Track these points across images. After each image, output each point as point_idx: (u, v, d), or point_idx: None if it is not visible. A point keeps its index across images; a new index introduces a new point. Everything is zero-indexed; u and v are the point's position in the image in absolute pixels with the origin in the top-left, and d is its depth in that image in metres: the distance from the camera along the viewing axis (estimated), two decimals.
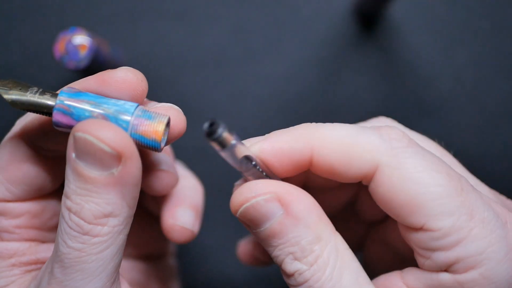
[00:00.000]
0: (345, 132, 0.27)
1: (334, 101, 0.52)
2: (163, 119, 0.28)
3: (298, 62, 0.52)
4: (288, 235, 0.27)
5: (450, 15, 0.53)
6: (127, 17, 0.52)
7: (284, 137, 0.28)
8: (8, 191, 0.30)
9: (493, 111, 0.52)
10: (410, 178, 0.26)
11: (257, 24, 0.53)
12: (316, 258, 0.27)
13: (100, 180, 0.26)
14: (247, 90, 0.52)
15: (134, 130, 0.27)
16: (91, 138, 0.25)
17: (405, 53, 0.52)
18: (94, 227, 0.26)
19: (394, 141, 0.27)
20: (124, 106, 0.27)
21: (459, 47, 0.52)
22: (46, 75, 0.51)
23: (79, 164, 0.26)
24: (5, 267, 0.31)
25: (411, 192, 0.26)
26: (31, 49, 0.51)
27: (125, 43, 0.52)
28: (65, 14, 0.52)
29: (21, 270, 0.31)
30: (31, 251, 0.32)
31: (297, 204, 0.27)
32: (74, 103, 0.27)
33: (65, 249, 0.26)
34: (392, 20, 0.53)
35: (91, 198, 0.26)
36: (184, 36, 0.52)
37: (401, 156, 0.26)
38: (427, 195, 0.26)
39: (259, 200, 0.27)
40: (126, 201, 0.27)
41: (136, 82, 0.28)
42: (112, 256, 0.27)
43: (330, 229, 0.28)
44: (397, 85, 0.52)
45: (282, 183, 0.28)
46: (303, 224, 0.27)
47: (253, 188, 0.27)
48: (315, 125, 0.28)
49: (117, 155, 0.25)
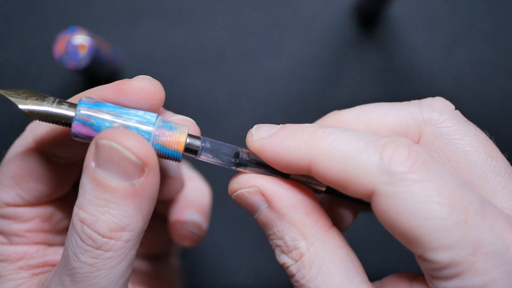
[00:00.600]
0: (345, 150, 0.26)
1: (334, 100, 0.52)
2: (184, 129, 0.28)
3: (298, 62, 0.52)
4: (274, 228, 0.28)
5: (450, 15, 0.53)
6: (127, 17, 0.52)
7: (288, 139, 0.28)
8: (19, 196, 0.31)
9: (493, 111, 0.52)
10: (406, 211, 0.24)
11: (257, 24, 0.53)
12: (300, 255, 0.27)
13: (121, 190, 0.25)
14: (247, 90, 0.52)
15: (156, 140, 0.27)
16: (117, 146, 0.25)
17: (405, 52, 0.52)
18: (108, 241, 0.26)
19: (395, 165, 0.24)
20: (145, 117, 0.27)
21: (459, 47, 0.52)
22: (46, 75, 0.51)
23: (99, 173, 0.25)
24: (12, 270, 0.31)
25: (407, 224, 0.24)
26: (31, 49, 0.51)
27: (125, 43, 0.52)
28: (65, 14, 0.52)
29: (29, 273, 0.31)
30: (39, 254, 0.32)
31: (280, 200, 0.27)
32: (95, 113, 0.27)
33: (76, 264, 0.26)
34: (392, 20, 0.53)
35: (108, 209, 0.26)
36: (184, 36, 0.52)
37: (399, 184, 0.24)
38: (424, 229, 0.24)
39: (243, 192, 0.28)
40: (142, 215, 0.26)
41: (154, 92, 0.28)
42: (123, 272, 0.27)
43: (319, 226, 0.28)
44: (397, 85, 0.52)
45: (269, 178, 0.28)
46: (286, 220, 0.27)
47: (239, 180, 0.28)
48: (321, 133, 0.27)
49: (141, 165, 0.25)
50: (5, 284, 0.31)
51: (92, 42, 0.43)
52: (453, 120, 0.28)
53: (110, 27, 0.52)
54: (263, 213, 0.28)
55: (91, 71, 0.45)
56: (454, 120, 0.28)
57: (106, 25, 0.52)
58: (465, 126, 0.28)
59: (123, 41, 0.52)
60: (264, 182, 0.28)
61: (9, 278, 0.31)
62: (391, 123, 0.29)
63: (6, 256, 0.31)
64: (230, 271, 0.52)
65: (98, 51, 0.44)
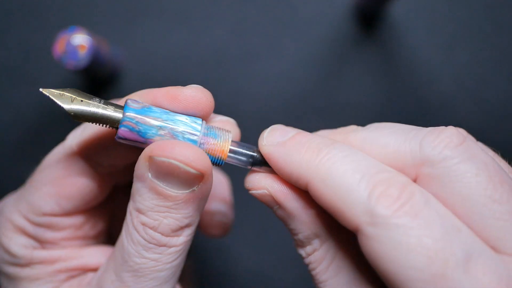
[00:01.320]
0: (339, 181, 0.25)
1: (334, 100, 0.52)
2: (227, 137, 0.29)
3: (298, 62, 0.52)
4: (289, 226, 0.29)
5: (450, 15, 0.53)
6: (127, 17, 0.52)
7: (289, 158, 0.27)
8: (58, 206, 0.31)
9: (493, 111, 0.52)
10: (385, 255, 0.23)
11: (257, 24, 0.53)
12: (313, 250, 0.28)
13: (182, 197, 0.27)
14: (247, 90, 0.52)
15: (201, 148, 0.28)
16: (176, 162, 0.26)
17: (405, 53, 0.52)
18: (171, 239, 0.27)
19: (380, 207, 0.24)
20: (191, 124, 0.27)
21: (459, 47, 0.52)
22: (46, 75, 0.51)
23: (158, 184, 0.26)
24: (49, 273, 0.31)
25: (385, 267, 0.24)
26: (30, 49, 0.51)
27: (125, 43, 0.52)
28: (64, 14, 0.52)
29: (66, 275, 0.32)
30: (75, 256, 0.32)
31: (289, 202, 0.28)
32: (142, 120, 0.27)
33: (139, 260, 0.27)
34: (392, 20, 0.53)
35: (170, 214, 0.27)
36: (184, 36, 0.52)
37: (380, 227, 0.24)
38: (401, 276, 0.23)
39: (254, 193, 0.29)
40: (199, 211, 0.28)
41: (205, 103, 0.28)
42: (181, 263, 0.28)
43: (329, 229, 0.28)
44: (397, 85, 0.52)
45: (278, 180, 0.28)
46: (298, 220, 0.28)
47: (250, 180, 0.29)
48: (320, 158, 0.26)
49: (200, 175, 0.26)
50: (41, 286, 0.31)
51: (92, 42, 0.43)
52: (454, 159, 0.25)
53: (110, 27, 0.52)
54: (276, 212, 0.29)
55: (91, 71, 0.45)
56: (455, 159, 0.25)
57: (106, 25, 0.52)
58: (466, 165, 0.25)
59: (123, 41, 0.51)
60: (273, 184, 0.28)
61: (46, 280, 0.31)
62: (390, 159, 0.27)
63: (41, 259, 0.31)
64: (231, 272, 0.52)
65: (98, 51, 0.44)
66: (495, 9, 0.53)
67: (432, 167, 0.25)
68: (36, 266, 0.31)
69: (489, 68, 0.52)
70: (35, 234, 0.31)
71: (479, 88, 0.52)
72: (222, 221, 0.37)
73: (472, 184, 0.25)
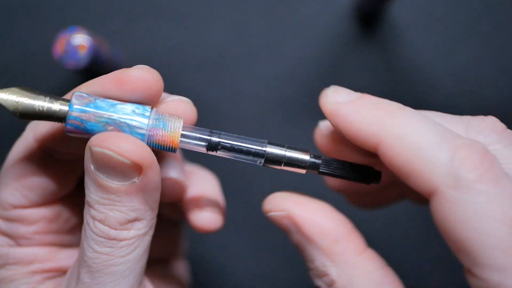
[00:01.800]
0: (417, 140, 0.24)
1: None
2: (178, 126, 0.28)
3: (298, 62, 0.52)
4: (305, 252, 0.28)
5: (450, 15, 0.53)
6: (127, 17, 0.52)
7: (363, 112, 0.27)
8: (24, 197, 0.30)
9: (493, 111, 0.52)
10: (464, 220, 0.23)
11: (257, 24, 0.53)
12: (331, 282, 0.27)
13: (122, 189, 0.26)
14: (247, 90, 0.52)
15: (150, 140, 0.27)
16: (109, 152, 0.25)
17: (405, 53, 0.52)
18: (120, 232, 0.27)
19: (464, 170, 0.23)
20: (137, 117, 0.27)
21: (459, 47, 0.52)
22: (46, 75, 0.51)
23: (99, 175, 0.26)
24: (25, 274, 0.31)
25: (462, 234, 0.23)
26: (30, 48, 0.51)
27: (125, 43, 0.51)
28: (64, 13, 0.52)
29: (42, 277, 0.31)
30: (52, 257, 0.32)
31: (308, 227, 0.27)
32: (86, 117, 0.26)
33: (92, 254, 0.27)
34: (392, 20, 0.53)
35: (115, 207, 0.26)
36: (184, 36, 0.52)
37: (463, 192, 0.23)
38: (479, 243, 0.23)
39: (273, 215, 0.28)
40: (149, 205, 0.27)
41: (152, 82, 0.28)
42: (139, 258, 0.28)
43: (350, 251, 0.27)
44: (397, 85, 0.52)
45: (302, 201, 0.28)
46: (315, 247, 0.27)
47: (271, 202, 0.29)
48: (396, 116, 0.26)
49: (138, 165, 0.26)
50: (19, 287, 0.31)
51: (92, 42, 0.43)
52: (500, 143, 0.26)
53: (110, 26, 0.52)
54: (293, 236, 0.28)
55: (91, 71, 0.45)
56: (501, 143, 0.26)
57: (106, 24, 0.52)
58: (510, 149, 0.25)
59: (123, 41, 0.51)
60: (293, 207, 0.28)
61: (22, 282, 0.31)
62: None
63: (17, 259, 0.31)
64: (231, 272, 0.52)
65: (98, 51, 0.44)
66: (495, 9, 0.53)
67: None
68: (12, 267, 0.31)
69: (489, 68, 0.52)
70: (8, 230, 0.31)
71: (479, 88, 0.52)
72: (211, 215, 0.36)
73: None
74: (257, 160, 0.29)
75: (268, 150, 0.28)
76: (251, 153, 0.29)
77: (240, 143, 0.29)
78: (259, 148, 0.28)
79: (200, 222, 0.36)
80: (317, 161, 0.29)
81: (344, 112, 0.27)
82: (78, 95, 0.27)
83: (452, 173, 0.23)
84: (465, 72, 0.52)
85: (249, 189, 0.52)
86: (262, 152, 0.28)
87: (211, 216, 0.36)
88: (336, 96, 0.28)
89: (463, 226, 0.23)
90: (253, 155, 0.29)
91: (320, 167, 0.29)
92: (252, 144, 0.29)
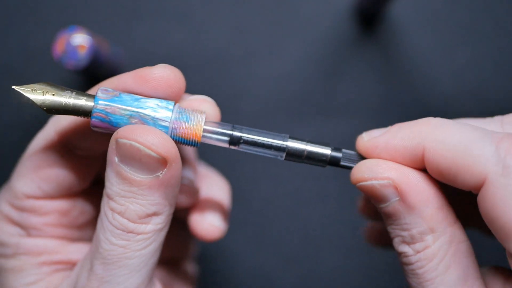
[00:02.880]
0: (460, 138, 0.26)
1: (334, 100, 0.52)
2: (200, 120, 0.28)
3: (299, 62, 0.52)
4: (401, 220, 0.28)
5: (450, 15, 0.53)
6: (127, 17, 0.52)
7: (401, 132, 0.28)
8: (39, 188, 0.31)
9: (493, 111, 0.52)
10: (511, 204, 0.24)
11: (257, 24, 0.53)
12: (424, 247, 0.27)
13: (146, 183, 0.26)
14: (247, 90, 0.52)
15: (174, 133, 0.28)
16: (136, 144, 0.26)
17: (405, 53, 0.52)
18: (138, 226, 0.27)
19: (511, 158, 0.25)
20: (161, 110, 0.27)
21: (459, 47, 0.52)
22: (46, 75, 0.51)
23: (123, 168, 0.26)
24: (34, 264, 0.31)
25: (510, 218, 0.24)
26: (30, 48, 0.51)
27: (125, 43, 0.51)
28: (64, 13, 0.52)
29: (50, 269, 0.32)
30: (61, 250, 0.32)
31: (414, 195, 0.27)
32: (111, 110, 0.27)
33: (108, 246, 0.27)
34: (392, 20, 0.53)
35: (135, 200, 0.27)
36: (184, 36, 0.52)
37: (510, 177, 0.24)
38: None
39: (375, 184, 0.28)
40: (168, 201, 0.28)
41: (174, 80, 0.28)
42: (153, 253, 0.28)
43: (448, 221, 0.27)
44: (397, 85, 0.52)
45: (404, 169, 0.28)
46: (417, 214, 0.27)
47: (373, 169, 0.28)
48: (435, 122, 0.27)
49: (163, 159, 0.26)
50: (26, 278, 0.31)
51: (92, 42, 0.43)
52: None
53: (110, 27, 0.52)
54: (391, 205, 0.28)
55: (91, 71, 0.45)
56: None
57: (106, 24, 0.52)
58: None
59: (123, 41, 0.51)
60: (398, 174, 0.27)
61: (31, 272, 0.31)
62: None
63: (27, 250, 0.31)
64: (231, 272, 0.52)
65: (98, 51, 0.44)
66: (495, 9, 0.53)
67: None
68: (21, 257, 0.31)
69: (489, 68, 0.52)
70: (20, 220, 0.31)
71: (479, 88, 0.52)
72: (213, 226, 0.36)
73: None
74: (278, 154, 0.29)
75: (289, 145, 0.29)
76: (272, 147, 0.29)
77: (262, 138, 0.29)
78: (280, 143, 0.29)
79: (199, 230, 0.36)
80: (338, 155, 0.29)
81: (383, 141, 0.28)
82: (103, 89, 0.28)
83: (500, 161, 0.25)
84: (465, 72, 0.52)
85: (249, 189, 0.52)
86: (283, 147, 0.29)
87: (211, 226, 0.36)
88: (370, 134, 0.29)
89: (509, 210, 0.24)
90: (275, 149, 0.29)
91: (341, 161, 0.29)
92: (274, 139, 0.29)
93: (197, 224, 0.36)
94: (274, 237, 0.52)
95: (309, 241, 0.51)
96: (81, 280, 0.28)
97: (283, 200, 0.52)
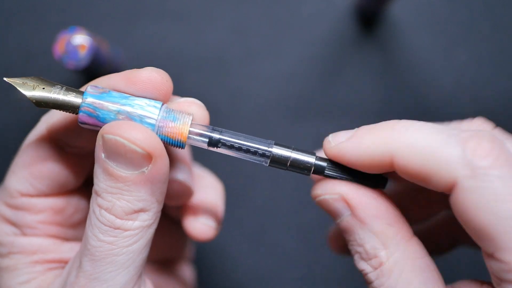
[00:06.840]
0: (426, 143, 0.26)
1: (334, 100, 0.52)
2: (187, 120, 0.28)
3: (298, 62, 0.52)
4: (355, 236, 0.28)
5: (450, 15, 0.53)
6: (127, 17, 0.52)
7: (367, 138, 0.28)
8: (32, 186, 0.31)
9: (493, 111, 0.52)
10: (484, 206, 0.24)
11: (257, 24, 0.53)
12: (380, 264, 0.27)
13: (131, 179, 0.27)
14: (247, 90, 0.52)
15: (160, 132, 0.28)
16: (121, 140, 0.26)
17: (405, 53, 0.52)
18: (125, 222, 0.27)
19: (479, 158, 0.24)
20: (149, 108, 0.27)
21: (459, 47, 0.52)
22: (46, 75, 0.51)
23: (109, 164, 0.26)
24: (27, 263, 0.31)
25: (483, 220, 0.24)
26: (31, 49, 0.51)
27: (125, 43, 0.52)
28: (64, 14, 0.52)
29: (44, 268, 0.32)
30: (55, 249, 0.32)
31: (362, 209, 0.28)
32: (100, 105, 0.27)
33: (96, 243, 0.27)
34: (392, 20, 0.53)
35: (122, 196, 0.27)
36: (184, 36, 0.52)
37: (480, 179, 0.24)
38: (500, 227, 0.24)
39: (327, 198, 0.28)
40: (155, 197, 0.28)
41: (161, 82, 0.28)
42: (141, 250, 0.28)
43: (401, 236, 0.27)
44: (397, 85, 0.52)
45: (353, 186, 0.28)
46: (368, 229, 0.28)
47: (323, 186, 0.29)
48: (400, 127, 0.27)
49: (148, 155, 0.26)
50: (20, 277, 0.31)
51: (92, 42, 0.43)
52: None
53: (110, 27, 0.52)
54: (345, 219, 0.28)
55: (91, 71, 0.45)
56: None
57: (106, 24, 0.52)
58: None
59: (123, 41, 0.51)
60: (348, 190, 0.28)
61: (24, 271, 0.31)
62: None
63: (21, 248, 0.31)
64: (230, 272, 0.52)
65: (98, 51, 0.44)
66: (495, 9, 0.53)
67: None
68: (15, 256, 0.31)
69: (489, 68, 0.52)
70: (15, 219, 0.31)
71: (479, 88, 0.52)
72: (206, 225, 0.36)
73: None
74: (263, 160, 0.29)
75: (274, 151, 0.29)
76: (257, 153, 0.29)
77: (243, 142, 0.29)
78: (264, 149, 0.29)
79: (192, 230, 0.36)
80: (323, 164, 0.29)
81: (350, 147, 0.28)
82: (93, 85, 0.28)
83: (467, 164, 0.24)
84: (465, 72, 0.52)
85: (249, 189, 0.52)
86: (268, 153, 0.29)
87: (204, 226, 0.36)
88: (336, 138, 0.29)
89: (483, 212, 0.24)
90: (260, 155, 0.29)
91: (325, 170, 0.29)
92: (259, 144, 0.29)
93: (191, 224, 0.36)
94: (272, 238, 0.52)
95: (307, 242, 0.52)
96: (70, 278, 0.28)
97: (281, 200, 0.52)
